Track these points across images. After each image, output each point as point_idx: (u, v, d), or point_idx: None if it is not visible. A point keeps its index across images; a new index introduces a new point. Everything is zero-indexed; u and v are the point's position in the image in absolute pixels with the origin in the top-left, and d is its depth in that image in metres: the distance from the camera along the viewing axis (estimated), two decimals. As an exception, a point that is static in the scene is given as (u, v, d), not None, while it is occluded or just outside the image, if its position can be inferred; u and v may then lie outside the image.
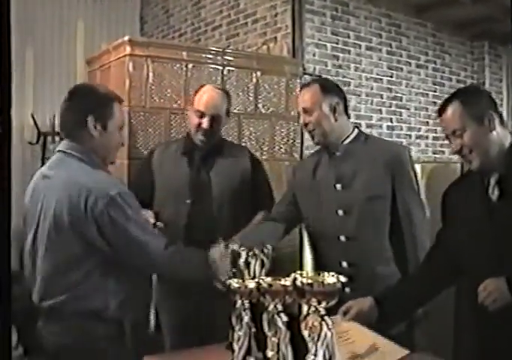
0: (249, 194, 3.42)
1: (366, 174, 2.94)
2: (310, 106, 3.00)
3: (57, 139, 5.84)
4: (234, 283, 2.03)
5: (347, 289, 2.87)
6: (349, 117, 3.15)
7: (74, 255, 2.46)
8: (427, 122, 6.42)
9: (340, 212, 2.97)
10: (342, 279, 1.79)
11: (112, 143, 2.65)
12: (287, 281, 1.87)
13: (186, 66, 4.19)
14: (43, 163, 5.81)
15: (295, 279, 1.81)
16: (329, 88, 3.09)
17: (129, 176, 3.89)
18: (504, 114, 7.36)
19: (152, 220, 2.98)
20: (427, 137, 6.38)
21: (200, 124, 3.29)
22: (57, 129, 5.81)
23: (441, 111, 2.52)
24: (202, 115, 3.29)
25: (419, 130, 6.30)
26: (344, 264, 2.96)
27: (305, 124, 3.04)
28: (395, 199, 2.95)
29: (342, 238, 2.97)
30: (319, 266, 3.13)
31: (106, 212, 2.41)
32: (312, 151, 3.45)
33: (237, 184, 3.38)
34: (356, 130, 3.10)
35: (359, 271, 2.92)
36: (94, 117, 2.55)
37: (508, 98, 7.43)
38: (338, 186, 2.99)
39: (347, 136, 3.05)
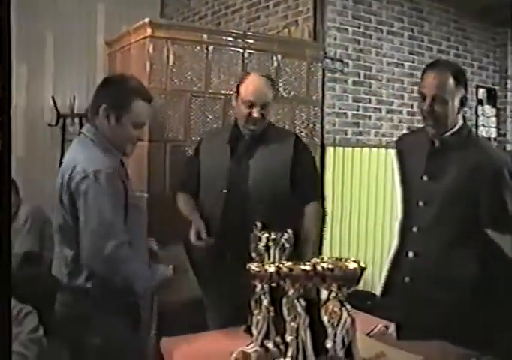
0: (290, 183, 3.32)
1: (454, 172, 2.80)
2: (445, 95, 2.77)
3: (76, 120, 5.85)
4: (254, 266, 2.02)
5: (406, 279, 2.87)
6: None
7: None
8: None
9: (420, 204, 2.91)
10: (362, 265, 1.78)
11: (124, 136, 2.67)
12: (307, 266, 1.85)
13: (207, 49, 4.17)
14: (63, 145, 5.83)
15: (316, 264, 1.80)
16: (461, 77, 2.88)
17: (149, 158, 3.89)
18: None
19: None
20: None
21: (250, 114, 3.22)
22: (76, 111, 5.82)
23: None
24: (252, 104, 3.21)
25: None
26: (411, 254, 2.92)
27: (428, 112, 2.81)
28: (477, 207, 2.81)
29: (415, 229, 2.91)
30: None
31: (78, 186, 2.49)
32: (410, 131, 3.39)
33: (276, 172, 3.29)
34: (460, 123, 2.89)
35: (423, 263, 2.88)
36: (108, 107, 2.62)
37: (530, 85, 7.36)
38: (425, 177, 2.91)
39: (452, 128, 2.86)
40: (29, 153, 5.84)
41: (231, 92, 4.20)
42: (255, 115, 3.21)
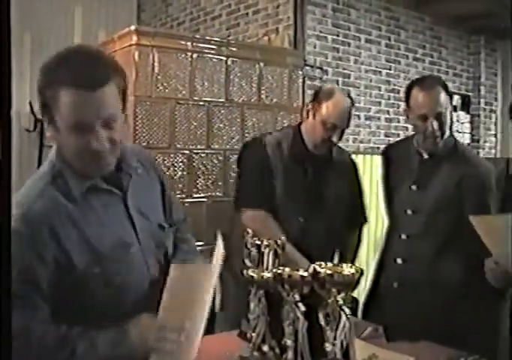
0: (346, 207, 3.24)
1: (442, 182, 2.89)
2: (445, 111, 2.86)
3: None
4: (250, 272, 2.07)
5: (395, 285, 2.93)
6: None
7: None
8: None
9: (409, 212, 2.97)
10: (360, 270, 1.84)
11: (69, 149, 1.75)
12: (306, 272, 1.90)
13: (191, 56, 4.21)
14: (40, 150, 5.83)
15: (314, 269, 1.86)
16: (447, 89, 2.95)
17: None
18: (499, 107, 7.45)
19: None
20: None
21: (329, 137, 3.04)
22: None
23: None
24: (333, 127, 3.02)
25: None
26: (399, 260, 2.99)
27: (434, 132, 2.85)
28: (462, 214, 2.88)
29: (404, 236, 2.98)
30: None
31: None
32: (394, 142, 3.47)
33: (342, 197, 3.20)
34: (447, 134, 2.96)
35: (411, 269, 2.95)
36: (40, 107, 1.77)
37: (503, 92, 7.49)
38: (414, 187, 2.97)
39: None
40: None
41: (215, 99, 4.27)
42: (334, 139, 3.06)
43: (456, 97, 6.98)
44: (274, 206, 3.07)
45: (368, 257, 4.70)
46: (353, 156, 4.57)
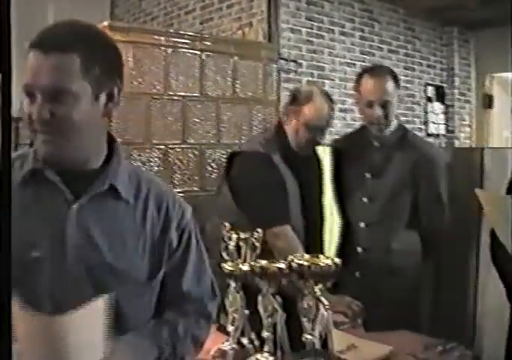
0: None
1: (395, 168, 2.97)
2: (391, 99, 2.97)
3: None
4: (228, 266, 2.07)
5: (357, 274, 2.97)
6: None
7: None
8: (399, 106, 6.50)
9: (365, 200, 3.02)
10: (337, 261, 1.85)
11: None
12: (282, 264, 1.91)
13: (165, 51, 4.20)
14: (16, 149, 5.78)
15: (291, 261, 1.87)
16: (397, 79, 3.05)
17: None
18: (473, 97, 7.51)
19: None
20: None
21: (314, 138, 3.01)
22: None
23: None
24: (316, 128, 2.98)
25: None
26: (359, 249, 3.03)
27: (379, 118, 2.96)
28: (417, 199, 3.00)
29: (362, 224, 3.02)
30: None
31: None
32: (345, 134, 3.48)
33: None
34: (396, 123, 3.11)
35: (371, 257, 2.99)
36: None
37: (477, 83, 7.55)
38: (368, 175, 3.02)
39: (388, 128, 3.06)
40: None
41: (190, 94, 4.26)
42: (319, 140, 3.06)
43: (430, 88, 7.03)
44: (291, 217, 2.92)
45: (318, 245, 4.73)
46: (329, 148, 4.63)
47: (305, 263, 1.81)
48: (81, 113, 1.51)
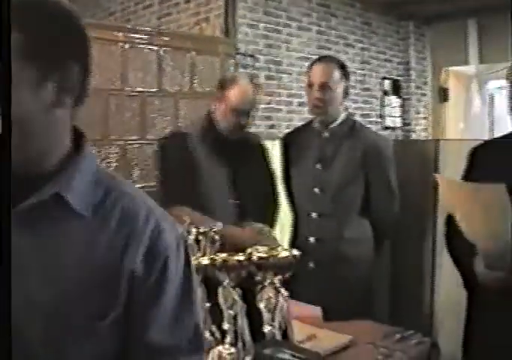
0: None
1: (345, 159, 3.03)
2: (331, 83, 3.05)
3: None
4: (188, 259, 2.09)
5: (311, 264, 3.01)
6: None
7: None
8: (355, 100, 6.58)
9: (316, 190, 3.07)
10: (295, 252, 1.89)
11: None
12: (242, 256, 1.94)
13: (123, 47, 4.18)
14: None
15: (250, 254, 1.90)
16: (345, 70, 3.15)
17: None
18: (429, 91, 7.63)
19: None
20: (356, 115, 6.54)
21: (240, 121, 3.05)
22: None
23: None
24: (242, 111, 3.04)
25: (349, 107, 6.43)
26: (312, 239, 3.07)
27: (318, 99, 3.04)
28: (367, 188, 3.07)
29: (314, 215, 3.07)
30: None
31: None
32: (295, 128, 3.49)
33: (261, 176, 3.24)
34: (344, 115, 3.17)
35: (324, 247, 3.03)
36: None
37: (432, 76, 7.67)
38: (318, 166, 3.07)
39: (336, 119, 3.13)
40: None
41: (148, 90, 4.26)
42: (243, 123, 3.08)
43: (386, 82, 7.11)
44: (200, 197, 2.99)
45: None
46: (280, 141, 4.68)
47: (264, 255, 1.84)
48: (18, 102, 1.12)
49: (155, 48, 4.38)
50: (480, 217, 2.15)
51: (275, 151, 3.48)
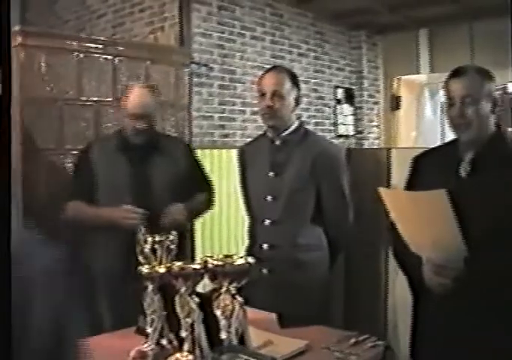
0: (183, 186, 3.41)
1: (297, 166, 3.07)
2: (283, 92, 3.08)
3: None
4: (144, 269, 2.12)
5: (264, 271, 3.04)
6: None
7: None
8: (308, 109, 6.67)
9: (269, 198, 3.11)
10: (250, 260, 1.93)
11: None
12: (198, 264, 1.97)
13: (78, 56, 4.18)
14: None
15: (206, 261, 1.93)
16: (296, 79, 3.21)
17: (23, 167, 3.83)
18: (382, 99, 7.75)
19: None
20: (309, 123, 6.61)
21: (137, 126, 3.28)
22: None
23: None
24: (138, 116, 3.26)
25: (301, 116, 6.50)
26: (265, 246, 3.11)
27: (270, 107, 3.08)
28: (320, 195, 3.12)
29: (267, 222, 3.11)
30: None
31: None
32: (253, 138, 3.56)
33: (172, 178, 3.37)
34: (296, 123, 3.21)
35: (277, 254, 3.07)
36: None
37: (385, 85, 7.79)
38: (271, 174, 3.12)
39: (288, 128, 3.16)
40: None
41: (103, 99, 4.26)
42: (139, 127, 3.27)
43: (339, 91, 7.21)
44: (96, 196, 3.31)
45: (229, 246, 4.83)
46: (237, 151, 4.74)
47: (220, 263, 1.88)
48: None
49: (110, 57, 4.38)
50: (422, 227, 2.22)
51: (231, 159, 3.55)
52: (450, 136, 2.58)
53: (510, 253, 2.20)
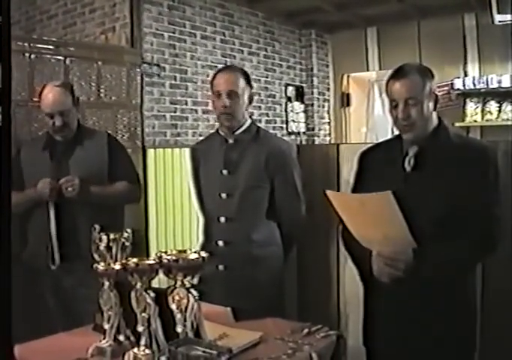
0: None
1: (250, 164, 3.11)
2: (238, 91, 3.11)
3: None
4: (100, 266, 2.15)
5: (221, 267, 3.09)
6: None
7: None
8: (260, 107, 6.73)
9: (223, 195, 3.15)
10: (204, 254, 1.98)
11: None
12: (152, 260, 2.01)
13: (29, 57, 4.17)
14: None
15: (160, 257, 1.98)
16: (249, 78, 3.24)
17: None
18: (332, 97, 7.86)
19: None
20: (260, 121, 6.68)
21: (53, 124, 3.39)
22: None
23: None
24: (51, 115, 3.38)
25: (253, 114, 6.56)
26: (221, 243, 3.16)
27: (226, 107, 3.10)
28: (273, 191, 3.17)
29: (222, 219, 3.15)
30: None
31: None
32: (204, 137, 3.60)
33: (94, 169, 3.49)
34: (249, 121, 3.25)
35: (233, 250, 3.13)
36: None
37: (335, 82, 7.89)
38: (225, 172, 3.16)
39: (241, 126, 3.20)
40: None
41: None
42: (57, 124, 3.40)
43: (290, 89, 7.29)
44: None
45: (183, 243, 4.87)
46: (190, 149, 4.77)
47: (174, 258, 1.93)
48: None
49: (62, 58, 4.39)
50: (371, 225, 2.33)
51: (182, 158, 3.58)
52: (399, 131, 2.65)
53: (455, 243, 2.30)
